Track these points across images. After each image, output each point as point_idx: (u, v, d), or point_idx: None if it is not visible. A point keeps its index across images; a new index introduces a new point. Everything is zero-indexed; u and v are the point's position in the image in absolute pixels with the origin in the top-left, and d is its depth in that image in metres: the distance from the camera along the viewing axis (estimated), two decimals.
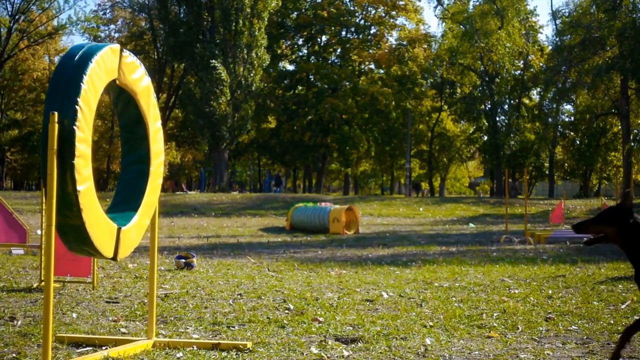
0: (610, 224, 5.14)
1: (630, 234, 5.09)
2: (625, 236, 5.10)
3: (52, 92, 5.33)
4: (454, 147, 73.68)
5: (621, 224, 5.10)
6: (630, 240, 5.11)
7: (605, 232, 5.18)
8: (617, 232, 5.12)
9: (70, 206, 5.23)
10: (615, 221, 5.12)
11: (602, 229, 5.18)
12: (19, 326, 7.14)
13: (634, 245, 5.10)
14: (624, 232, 5.10)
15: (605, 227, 5.17)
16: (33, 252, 15.18)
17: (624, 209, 5.12)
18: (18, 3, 65.42)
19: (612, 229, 5.13)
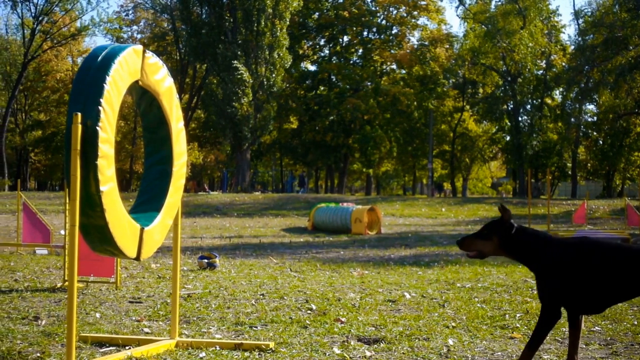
0: (491, 239, 5.25)
1: (514, 244, 5.20)
2: (510, 247, 5.22)
3: (75, 93, 5.35)
4: (476, 147, 73.44)
5: (501, 238, 5.21)
6: (518, 250, 5.22)
7: (487, 248, 5.28)
8: (499, 245, 5.23)
9: (93, 206, 5.25)
10: (495, 235, 5.24)
11: (484, 245, 5.28)
12: (43, 326, 7.18)
13: (522, 253, 5.21)
14: (507, 244, 5.21)
15: (486, 243, 5.27)
16: (57, 252, 15.26)
17: (502, 223, 5.23)
18: (41, 5, 65.84)
19: (493, 243, 5.24)
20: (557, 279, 5.09)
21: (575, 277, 5.07)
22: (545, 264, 5.14)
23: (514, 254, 5.25)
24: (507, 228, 5.22)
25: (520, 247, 5.21)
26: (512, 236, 5.21)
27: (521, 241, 5.21)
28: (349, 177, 79.63)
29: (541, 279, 5.19)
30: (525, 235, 5.23)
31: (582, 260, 5.08)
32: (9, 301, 8.71)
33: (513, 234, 5.21)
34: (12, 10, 71.79)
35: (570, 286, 5.10)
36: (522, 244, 5.20)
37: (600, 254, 5.11)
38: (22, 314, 7.84)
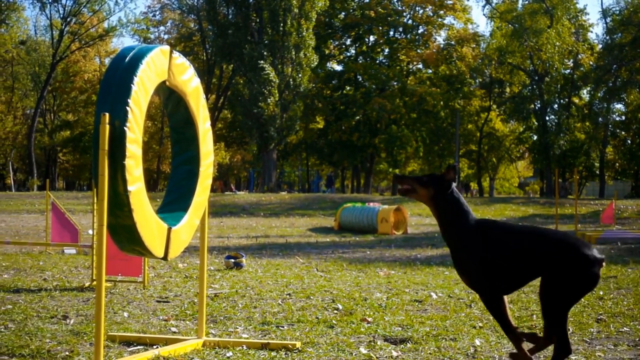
0: (427, 187, 5.43)
1: (444, 203, 5.39)
2: (439, 204, 5.41)
3: (103, 94, 5.38)
4: (503, 147, 73.12)
5: (436, 192, 5.40)
6: (443, 210, 5.41)
7: (420, 192, 5.47)
8: (431, 197, 5.43)
9: (121, 206, 5.28)
10: (432, 186, 5.41)
11: (418, 188, 5.48)
12: (71, 325, 7.23)
13: (445, 214, 5.39)
14: (438, 200, 5.41)
15: (421, 188, 5.45)
16: (85, 251, 15.36)
17: (445, 179, 5.40)
18: (70, 6, 66.35)
19: (427, 191, 5.42)
20: (472, 252, 5.25)
21: (485, 257, 5.21)
22: (459, 236, 5.32)
23: (439, 211, 5.41)
24: (445, 185, 5.38)
25: (447, 207, 5.38)
26: (446, 194, 5.37)
27: (451, 202, 5.37)
28: (375, 176, 79.52)
29: (455, 253, 5.40)
30: (456, 199, 5.39)
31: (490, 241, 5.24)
32: (38, 300, 8.77)
33: (448, 193, 5.37)
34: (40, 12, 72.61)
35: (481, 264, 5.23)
36: (450, 205, 5.37)
37: (506, 236, 5.27)
38: (51, 312, 7.90)
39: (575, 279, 5.01)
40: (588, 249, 5.05)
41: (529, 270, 5.19)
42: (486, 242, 5.23)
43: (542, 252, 5.11)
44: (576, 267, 5.00)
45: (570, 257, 5.03)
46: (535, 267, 5.14)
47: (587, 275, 5.01)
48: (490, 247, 5.21)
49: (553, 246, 5.11)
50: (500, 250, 5.20)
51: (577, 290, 5.06)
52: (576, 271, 5.00)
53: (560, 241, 5.14)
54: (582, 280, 5.02)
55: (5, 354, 5.96)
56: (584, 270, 5.00)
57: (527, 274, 5.22)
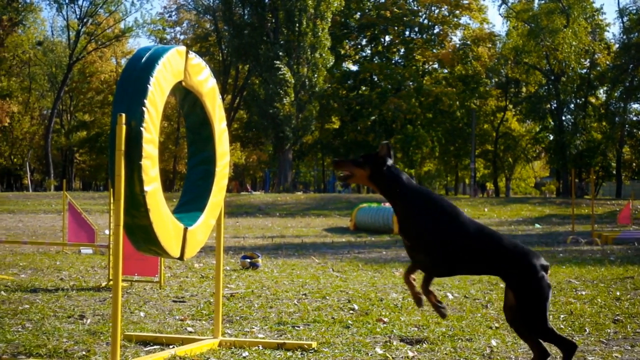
0: (363, 167, 5.49)
1: (382, 180, 5.44)
2: (378, 182, 5.47)
3: (119, 94, 5.40)
4: (519, 146, 72.90)
5: (372, 170, 5.45)
6: (384, 186, 5.47)
7: (358, 174, 5.52)
8: (369, 176, 5.47)
9: (137, 206, 5.30)
10: (368, 166, 5.47)
11: (356, 170, 5.53)
12: (88, 324, 7.25)
13: (387, 191, 5.46)
14: (376, 178, 5.46)
15: (358, 169, 5.51)
16: (101, 251, 15.40)
17: (378, 157, 5.47)
18: (86, 7, 66.64)
19: (364, 172, 5.48)
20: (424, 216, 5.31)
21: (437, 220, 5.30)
22: (404, 205, 5.38)
23: (381, 189, 5.50)
24: (379, 162, 5.44)
25: (386, 183, 5.44)
26: (382, 171, 5.43)
27: (389, 178, 5.43)
28: None
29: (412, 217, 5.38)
30: (394, 174, 5.46)
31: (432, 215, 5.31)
32: (55, 300, 8.81)
33: (384, 170, 5.43)
34: (57, 13, 72.96)
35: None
36: (389, 180, 5.43)
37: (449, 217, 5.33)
38: (67, 312, 7.93)
39: (534, 287, 5.12)
40: (537, 259, 5.17)
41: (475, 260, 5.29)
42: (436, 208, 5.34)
43: (495, 251, 5.22)
44: (531, 276, 5.12)
45: (522, 265, 5.14)
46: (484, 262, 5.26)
47: (541, 282, 5.11)
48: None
49: (507, 252, 5.21)
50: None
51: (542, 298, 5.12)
52: (532, 280, 5.12)
53: (514, 249, 5.23)
54: (540, 287, 5.11)
55: (22, 354, 5.99)
56: (538, 277, 5.12)
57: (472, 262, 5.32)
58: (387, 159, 5.47)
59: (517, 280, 5.15)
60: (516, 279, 5.16)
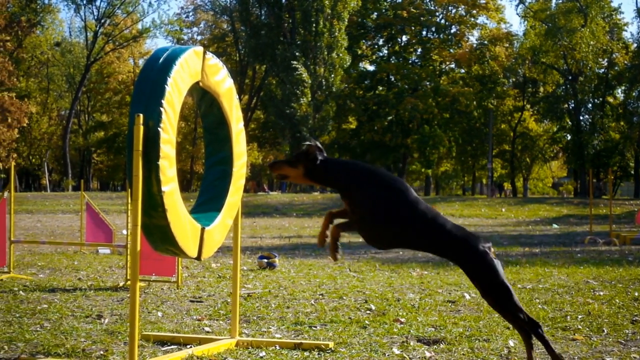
0: (297, 166, 5.57)
1: (318, 175, 5.54)
2: (316, 177, 5.57)
3: (137, 95, 5.41)
4: (537, 146, 72.67)
5: (306, 167, 5.53)
6: (321, 180, 5.63)
7: (293, 173, 5.62)
8: (304, 173, 5.56)
9: (155, 207, 5.31)
10: (300, 164, 5.56)
11: (290, 170, 5.63)
12: (106, 324, 7.28)
13: (328, 180, 5.61)
14: (311, 175, 5.55)
15: (292, 169, 5.60)
16: (119, 251, 15.46)
17: (309, 154, 5.53)
18: (104, 7, 66.90)
19: (298, 170, 5.57)
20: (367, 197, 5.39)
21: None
22: (349, 184, 5.43)
23: (322, 182, 5.66)
24: (311, 158, 5.51)
25: (322, 176, 5.55)
26: (316, 166, 5.50)
27: (327, 169, 5.51)
28: (408, 177, 79.36)
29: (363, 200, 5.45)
30: (331, 165, 5.53)
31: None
32: (73, 300, 8.85)
33: (318, 165, 5.50)
34: (75, 14, 73.40)
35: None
36: (324, 173, 5.52)
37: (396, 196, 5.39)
38: (85, 312, 7.96)
39: (482, 267, 5.23)
40: (477, 240, 5.28)
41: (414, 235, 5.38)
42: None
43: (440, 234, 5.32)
44: (475, 256, 5.24)
45: (465, 248, 5.27)
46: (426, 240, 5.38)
47: (486, 259, 5.21)
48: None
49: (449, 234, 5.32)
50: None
51: (493, 274, 5.21)
52: (476, 260, 5.23)
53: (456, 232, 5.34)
54: (486, 265, 5.21)
55: (41, 353, 6.02)
56: (481, 256, 5.22)
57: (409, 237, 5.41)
58: (318, 155, 5.54)
59: (466, 265, 5.28)
60: (464, 264, 5.29)
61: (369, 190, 5.39)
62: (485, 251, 5.22)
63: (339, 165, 5.58)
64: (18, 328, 7.00)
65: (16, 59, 63.21)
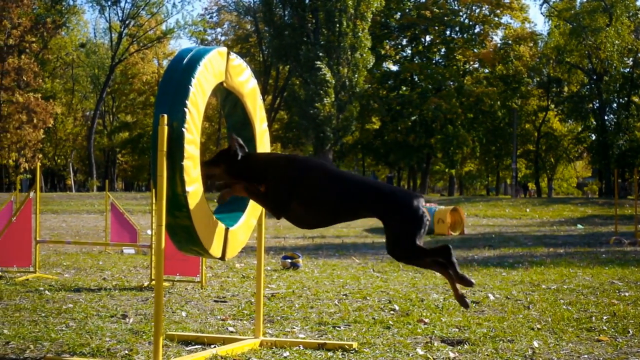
0: (219, 165, 5.67)
1: (241, 169, 5.65)
2: (239, 172, 5.67)
3: (161, 95, 5.44)
4: (561, 146, 72.32)
5: (227, 164, 5.65)
6: (246, 173, 5.68)
7: (216, 172, 5.72)
8: (225, 171, 5.68)
9: (179, 207, 5.34)
10: (222, 162, 5.68)
11: (213, 170, 5.72)
12: (130, 324, 7.32)
13: (250, 175, 5.67)
14: (235, 170, 5.66)
15: (215, 168, 5.71)
16: (143, 251, 15.53)
17: (230, 151, 5.64)
18: (128, 9, 67.20)
19: (220, 169, 5.69)
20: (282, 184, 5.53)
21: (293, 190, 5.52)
22: (270, 178, 5.56)
23: (245, 177, 5.70)
24: (232, 156, 5.61)
25: (248, 171, 5.65)
26: (238, 162, 5.59)
27: (246, 165, 5.62)
28: (432, 177, 79.22)
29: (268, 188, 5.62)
30: (252, 161, 5.66)
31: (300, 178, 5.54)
32: (98, 299, 8.90)
33: (239, 161, 5.60)
34: (100, 15, 73.79)
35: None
36: (246, 169, 5.64)
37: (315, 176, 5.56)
38: (110, 311, 8.01)
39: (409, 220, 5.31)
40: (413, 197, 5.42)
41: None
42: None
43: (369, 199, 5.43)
44: (407, 210, 5.33)
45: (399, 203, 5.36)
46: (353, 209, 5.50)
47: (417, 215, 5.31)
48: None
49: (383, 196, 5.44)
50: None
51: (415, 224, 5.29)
52: (408, 214, 5.32)
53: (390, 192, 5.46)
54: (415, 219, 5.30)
55: (66, 352, 6.06)
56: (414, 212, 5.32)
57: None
58: (239, 151, 5.63)
59: (392, 213, 5.37)
60: (390, 213, 5.37)
61: (286, 176, 5.53)
62: (418, 206, 5.33)
63: (259, 159, 5.70)
64: (44, 327, 7.05)
65: (42, 60, 63.65)
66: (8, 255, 11.21)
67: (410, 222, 5.29)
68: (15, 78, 56.87)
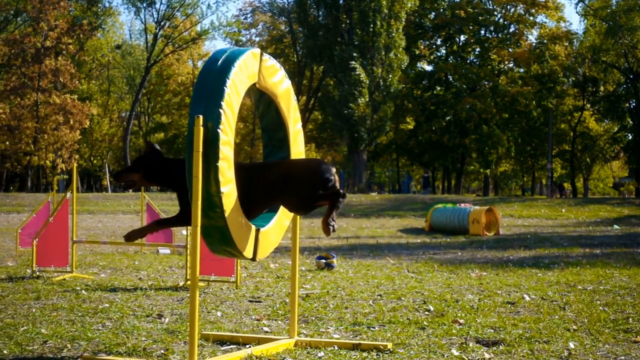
0: (138, 171, 5.86)
1: (158, 173, 5.85)
2: (156, 178, 5.88)
3: (196, 96, 5.47)
4: (597, 146, 71.71)
5: (146, 169, 5.83)
6: (163, 178, 5.89)
7: (135, 178, 5.89)
8: (144, 176, 5.85)
9: (214, 207, 5.37)
10: (140, 168, 5.85)
11: (133, 176, 5.85)
12: (166, 323, 7.36)
13: (165, 180, 5.89)
14: (152, 174, 5.85)
15: (134, 174, 5.84)
16: (179, 251, 15.60)
17: (146, 157, 5.81)
18: (163, 10, 67.54)
19: (139, 175, 5.85)
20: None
21: None
22: (182, 182, 5.63)
23: (162, 182, 5.95)
24: (148, 161, 5.81)
25: (164, 176, 5.86)
26: (155, 168, 5.81)
27: (165, 170, 5.83)
28: (466, 177, 78.88)
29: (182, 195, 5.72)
30: (168, 165, 5.86)
31: None
32: (134, 299, 8.95)
33: (156, 166, 5.78)
34: (135, 16, 74.04)
35: None
36: (165, 173, 5.84)
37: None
38: (146, 311, 8.06)
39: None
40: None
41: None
42: None
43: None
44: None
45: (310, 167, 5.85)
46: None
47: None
48: None
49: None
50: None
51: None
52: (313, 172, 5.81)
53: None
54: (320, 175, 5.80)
55: (102, 351, 6.11)
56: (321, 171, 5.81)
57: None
58: (154, 156, 5.80)
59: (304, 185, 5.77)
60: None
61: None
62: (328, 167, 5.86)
63: (175, 165, 5.82)
64: (80, 327, 7.11)
65: (78, 62, 64.14)
66: (45, 255, 11.31)
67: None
68: (52, 80, 57.39)
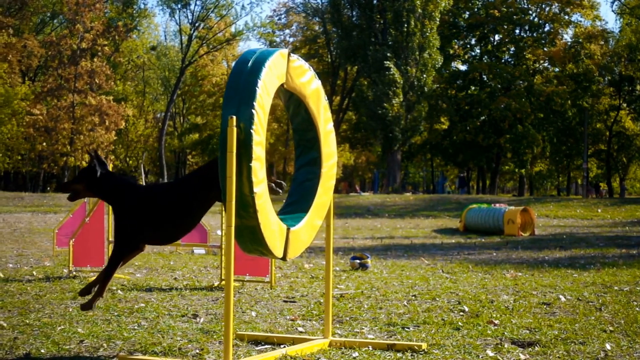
0: (81, 182, 6.09)
1: (100, 186, 6.06)
2: (97, 189, 6.09)
3: (229, 97, 5.50)
4: (634, 146, 70.99)
5: (88, 181, 6.05)
6: (103, 191, 6.10)
7: (78, 189, 6.13)
8: (87, 187, 6.08)
9: (246, 207, 5.39)
10: (83, 179, 6.07)
11: (76, 187, 6.07)
12: (201, 323, 7.40)
13: (107, 195, 6.10)
14: (94, 186, 6.07)
15: (78, 185, 6.12)
16: (213, 251, 15.67)
17: (89, 168, 6.05)
18: (198, 11, 67.83)
19: (82, 185, 6.09)
20: (134, 218, 5.96)
21: (147, 216, 5.98)
22: (124, 206, 5.99)
23: (102, 195, 6.14)
24: (93, 173, 6.00)
25: (105, 190, 6.08)
26: (97, 180, 6.03)
27: (106, 185, 6.05)
28: (501, 177, 78.47)
29: (119, 218, 6.01)
30: (110, 181, 6.07)
31: (151, 202, 6.00)
32: (170, 299, 9.00)
33: (98, 178, 6.03)
34: (170, 18, 74.60)
35: (144, 223, 5.98)
36: (106, 187, 6.06)
37: (163, 195, 6.09)
38: (181, 311, 8.10)
39: None
40: None
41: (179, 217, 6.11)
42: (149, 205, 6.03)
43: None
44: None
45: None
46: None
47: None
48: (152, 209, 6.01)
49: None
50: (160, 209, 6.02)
51: None
52: None
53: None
54: None
55: (138, 351, 6.15)
56: None
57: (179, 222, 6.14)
58: (98, 168, 6.01)
59: None
60: None
61: (123, 212, 6.00)
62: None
63: (111, 183, 6.07)
64: (116, 326, 7.16)
65: (113, 63, 64.61)
66: (82, 256, 11.41)
67: None
68: (88, 81, 57.88)
